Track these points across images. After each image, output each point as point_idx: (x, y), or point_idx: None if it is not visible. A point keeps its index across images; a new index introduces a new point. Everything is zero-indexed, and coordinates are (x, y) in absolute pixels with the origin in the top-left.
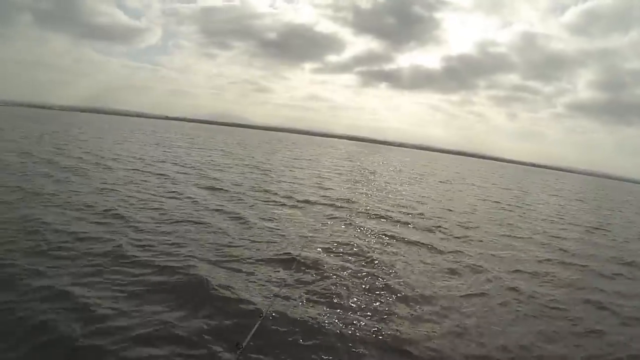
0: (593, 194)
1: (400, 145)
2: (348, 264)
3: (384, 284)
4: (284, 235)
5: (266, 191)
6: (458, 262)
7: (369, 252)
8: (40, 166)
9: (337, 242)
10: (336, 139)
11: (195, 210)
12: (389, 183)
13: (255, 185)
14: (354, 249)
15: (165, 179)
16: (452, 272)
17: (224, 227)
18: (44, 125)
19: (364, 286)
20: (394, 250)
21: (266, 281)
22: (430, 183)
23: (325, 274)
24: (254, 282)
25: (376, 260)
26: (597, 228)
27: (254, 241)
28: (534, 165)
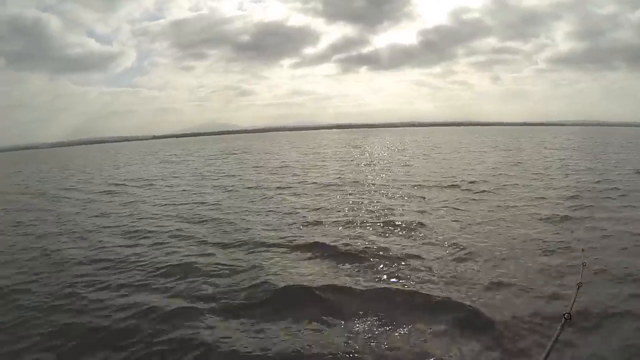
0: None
1: (390, 125)
2: None
3: None
4: None
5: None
6: None
7: None
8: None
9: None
10: (325, 130)
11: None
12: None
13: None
14: None
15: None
16: None
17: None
18: (39, 164)
19: None
20: None
21: None
22: (441, 156)
23: None
24: None
25: None
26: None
27: None
28: (525, 124)
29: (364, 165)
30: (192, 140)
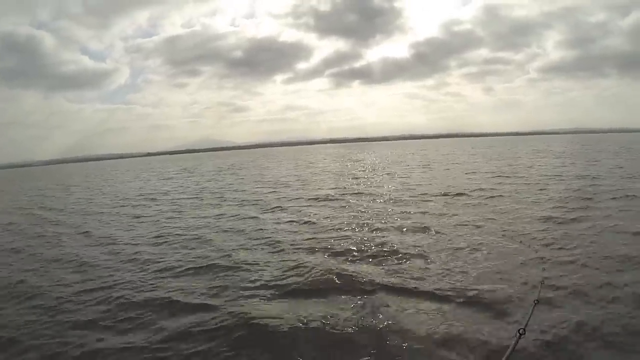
0: (572, 151)
1: (384, 139)
2: None
3: None
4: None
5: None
6: None
7: None
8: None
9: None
10: (319, 145)
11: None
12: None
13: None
14: None
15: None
16: None
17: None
18: (37, 182)
19: None
20: None
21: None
22: (440, 169)
23: None
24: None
25: None
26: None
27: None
28: (517, 134)
29: (376, 177)
30: (187, 157)
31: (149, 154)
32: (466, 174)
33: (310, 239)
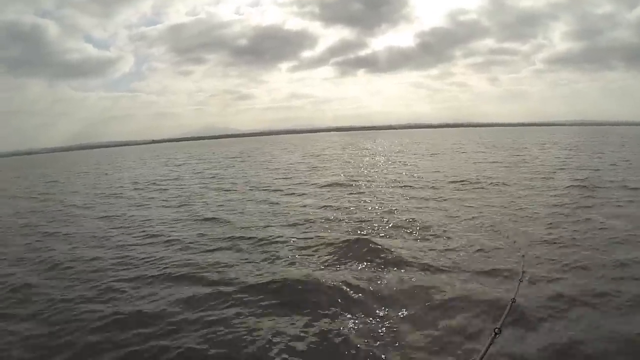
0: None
1: (389, 128)
2: None
3: None
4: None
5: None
6: None
7: None
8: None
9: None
10: (324, 133)
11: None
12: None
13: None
14: None
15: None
16: None
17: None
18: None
19: None
20: None
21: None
22: (454, 156)
23: None
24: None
25: None
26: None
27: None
28: (522, 124)
29: (385, 164)
30: (192, 145)
31: (153, 142)
32: (473, 163)
33: (331, 219)
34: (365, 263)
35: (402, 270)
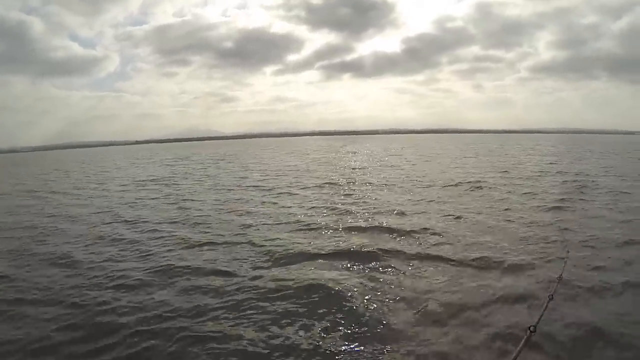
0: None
1: (373, 132)
2: None
3: None
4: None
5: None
6: None
7: None
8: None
9: None
10: (307, 137)
11: None
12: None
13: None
14: None
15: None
16: None
17: None
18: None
19: None
20: None
21: None
22: (442, 162)
23: None
24: None
25: None
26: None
27: None
28: (506, 131)
29: (372, 168)
30: (176, 146)
31: (137, 142)
32: (456, 167)
33: (328, 219)
34: (372, 263)
35: (429, 267)
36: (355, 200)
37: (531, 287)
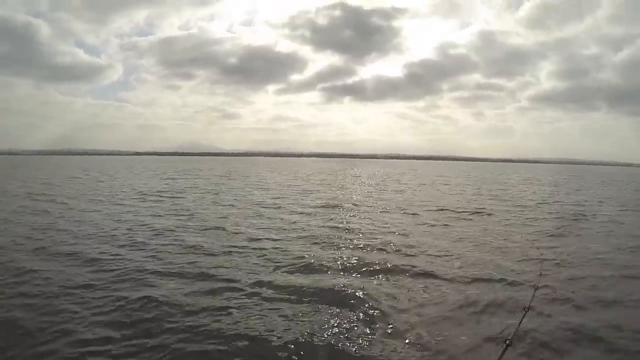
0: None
1: (372, 157)
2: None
3: None
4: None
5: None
6: None
7: None
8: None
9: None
10: (306, 158)
11: None
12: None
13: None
14: None
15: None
16: None
17: None
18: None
19: None
20: None
21: None
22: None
23: None
24: None
25: None
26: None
27: None
28: (504, 160)
29: (375, 191)
30: (176, 159)
31: (137, 153)
32: (454, 194)
33: (334, 235)
34: (378, 275)
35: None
36: (360, 220)
37: (510, 301)
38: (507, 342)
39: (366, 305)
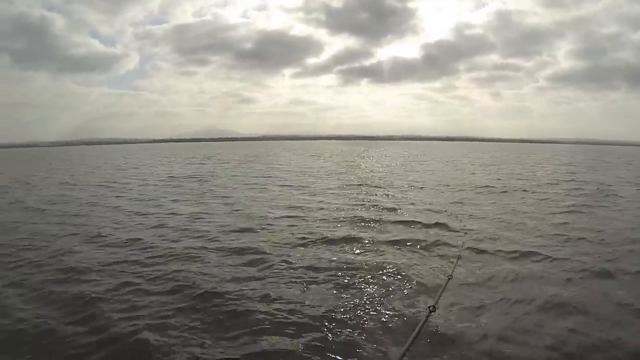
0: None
1: (390, 138)
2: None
3: None
4: None
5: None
6: None
7: None
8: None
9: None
10: (325, 141)
11: None
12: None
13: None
14: None
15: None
16: None
17: None
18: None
19: None
20: None
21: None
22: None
23: None
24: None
25: None
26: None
27: None
28: (523, 141)
29: (399, 171)
30: (193, 146)
31: (154, 141)
32: (479, 173)
33: (369, 214)
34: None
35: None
36: (391, 199)
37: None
38: (430, 308)
39: (405, 281)
